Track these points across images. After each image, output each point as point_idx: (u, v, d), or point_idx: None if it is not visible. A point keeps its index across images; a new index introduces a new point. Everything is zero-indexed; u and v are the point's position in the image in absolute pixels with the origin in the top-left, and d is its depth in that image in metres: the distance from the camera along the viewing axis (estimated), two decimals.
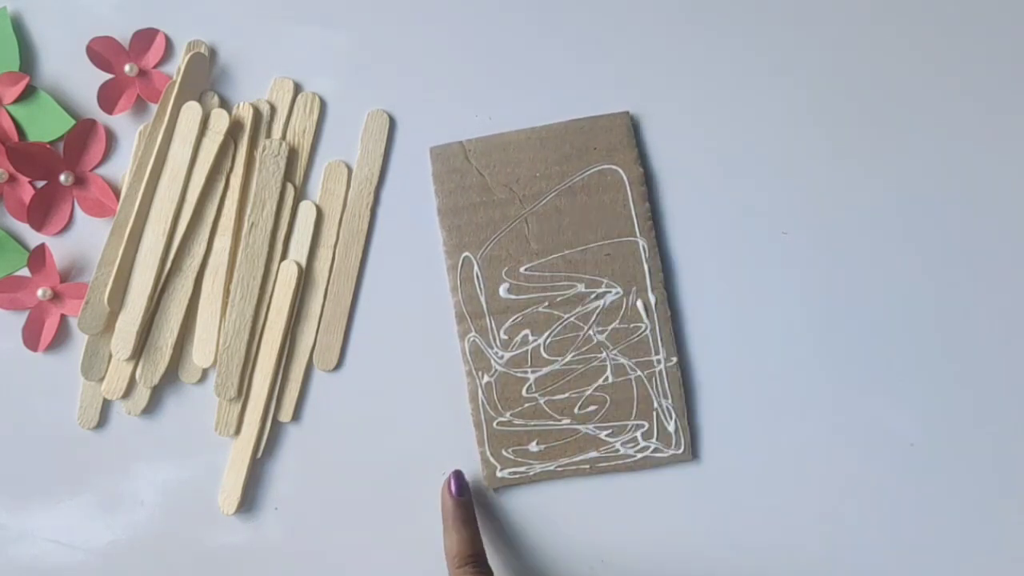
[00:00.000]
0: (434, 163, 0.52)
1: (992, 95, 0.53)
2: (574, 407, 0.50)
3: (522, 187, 0.52)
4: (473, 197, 0.52)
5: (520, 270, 0.51)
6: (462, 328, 0.51)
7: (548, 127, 0.52)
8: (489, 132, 0.52)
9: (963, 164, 0.53)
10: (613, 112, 0.52)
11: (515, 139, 0.52)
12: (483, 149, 0.52)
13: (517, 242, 0.51)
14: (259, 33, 0.54)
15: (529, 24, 0.54)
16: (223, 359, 0.51)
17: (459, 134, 0.52)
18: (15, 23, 0.53)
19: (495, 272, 0.51)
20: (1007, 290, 0.52)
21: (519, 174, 0.52)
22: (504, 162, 0.52)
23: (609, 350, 0.51)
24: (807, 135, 0.53)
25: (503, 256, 0.51)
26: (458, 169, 0.52)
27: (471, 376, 0.51)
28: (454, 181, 0.52)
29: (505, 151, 0.52)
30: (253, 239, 0.52)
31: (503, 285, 0.51)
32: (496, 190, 0.52)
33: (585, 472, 0.50)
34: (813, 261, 0.52)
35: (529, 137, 0.52)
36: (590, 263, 0.51)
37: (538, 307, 0.51)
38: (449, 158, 0.52)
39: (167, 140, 0.52)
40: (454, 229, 0.51)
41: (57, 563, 0.51)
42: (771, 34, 0.54)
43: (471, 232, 0.51)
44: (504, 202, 0.52)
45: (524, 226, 0.51)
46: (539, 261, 0.51)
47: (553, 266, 0.51)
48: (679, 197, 0.52)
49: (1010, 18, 0.54)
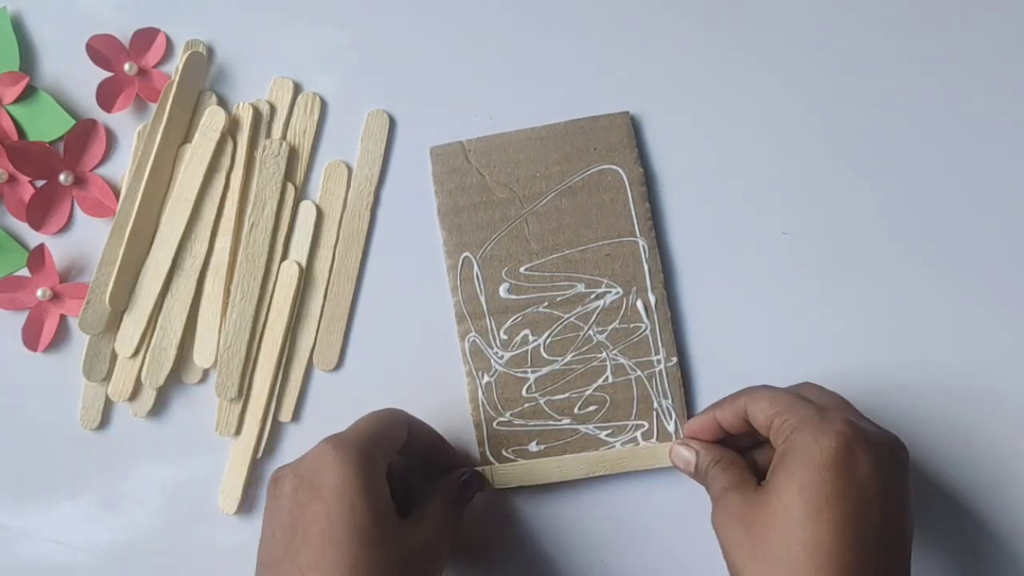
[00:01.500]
0: (434, 163, 0.52)
1: (994, 96, 0.53)
2: (574, 407, 0.50)
3: (522, 187, 0.52)
4: (473, 197, 0.52)
5: (520, 270, 0.51)
6: (462, 328, 0.51)
7: (548, 127, 0.52)
8: (489, 132, 0.52)
9: (968, 165, 0.53)
10: (613, 112, 0.52)
11: (515, 139, 0.52)
12: (483, 149, 0.52)
13: (517, 242, 0.51)
14: (259, 33, 0.54)
15: (530, 24, 0.54)
16: (223, 359, 0.51)
17: (459, 134, 0.52)
18: (15, 23, 0.53)
19: (495, 272, 0.51)
20: (1012, 293, 0.52)
21: (519, 174, 0.52)
22: (504, 162, 0.52)
23: (609, 350, 0.51)
24: (808, 136, 0.53)
25: (503, 256, 0.51)
26: (458, 169, 0.52)
27: (471, 376, 0.51)
28: (454, 181, 0.52)
29: (505, 151, 0.52)
30: (253, 239, 0.52)
31: (503, 285, 0.51)
32: (496, 190, 0.52)
33: None
34: (814, 261, 0.52)
35: (529, 137, 0.52)
36: (590, 263, 0.51)
37: (538, 307, 0.51)
38: (449, 158, 0.52)
39: (166, 140, 0.52)
40: (454, 229, 0.51)
41: (58, 563, 0.51)
42: (773, 34, 0.54)
43: (471, 232, 0.51)
44: (504, 202, 0.52)
45: (524, 226, 0.51)
46: (539, 261, 0.51)
47: (553, 266, 0.51)
48: (679, 197, 0.52)
49: (1011, 19, 0.54)
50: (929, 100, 0.53)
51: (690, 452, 0.47)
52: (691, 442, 0.47)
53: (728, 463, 0.45)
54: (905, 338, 0.51)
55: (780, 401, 0.42)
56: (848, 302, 0.52)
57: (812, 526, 0.38)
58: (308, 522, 0.39)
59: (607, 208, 0.51)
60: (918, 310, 0.52)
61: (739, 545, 0.40)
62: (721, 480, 0.44)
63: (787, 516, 0.39)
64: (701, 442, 0.47)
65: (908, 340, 0.51)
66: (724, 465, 0.44)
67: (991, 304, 0.52)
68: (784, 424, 0.41)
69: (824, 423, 0.40)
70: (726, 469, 0.44)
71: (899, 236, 0.52)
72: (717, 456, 0.45)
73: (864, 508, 0.38)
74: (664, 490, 0.51)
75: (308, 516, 0.39)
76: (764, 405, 0.43)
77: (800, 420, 0.41)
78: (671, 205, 0.52)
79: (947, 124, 0.53)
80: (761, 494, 0.41)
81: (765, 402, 0.43)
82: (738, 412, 0.44)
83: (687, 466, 0.47)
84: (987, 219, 0.52)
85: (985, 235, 0.52)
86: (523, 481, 0.50)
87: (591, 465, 0.50)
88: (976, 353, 0.51)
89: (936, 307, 0.52)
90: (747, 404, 0.44)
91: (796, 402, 0.42)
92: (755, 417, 0.43)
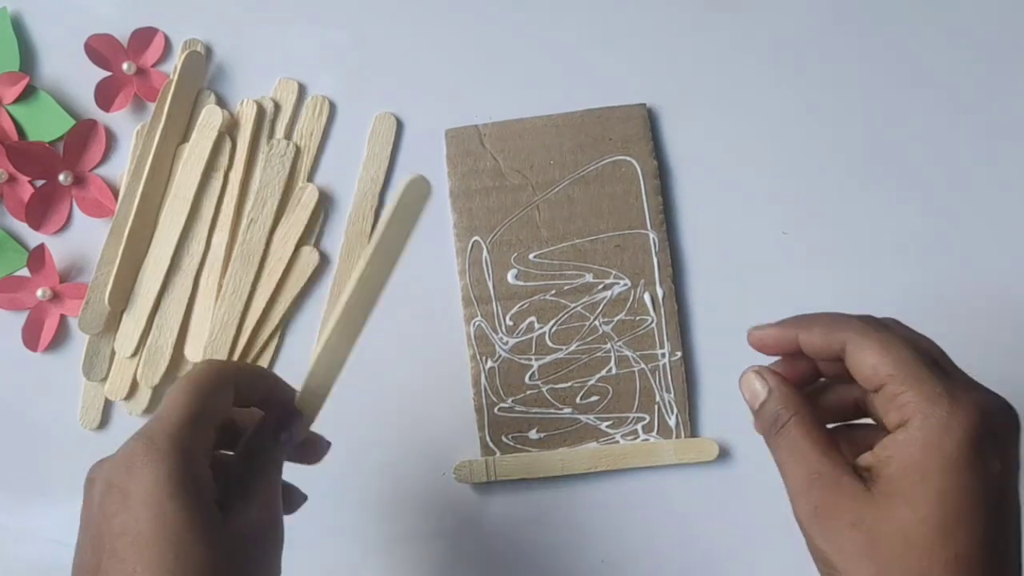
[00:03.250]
0: (448, 145, 0.52)
1: (1003, 100, 0.53)
2: (576, 396, 0.50)
3: (535, 174, 0.51)
4: (486, 181, 0.51)
5: (529, 257, 0.51)
6: (468, 312, 0.51)
7: (565, 115, 0.52)
8: (505, 118, 0.52)
9: (979, 169, 0.53)
10: (630, 103, 0.52)
11: (531, 126, 0.52)
12: (498, 134, 0.52)
13: (527, 228, 0.51)
14: (258, 32, 0.54)
15: (546, 13, 0.54)
16: (208, 352, 0.51)
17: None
18: (15, 23, 0.53)
19: (504, 257, 0.51)
20: (1013, 293, 0.52)
21: (533, 161, 0.52)
22: (519, 148, 0.52)
23: (614, 341, 0.50)
24: (824, 133, 0.53)
25: (513, 242, 0.51)
26: (472, 152, 0.52)
27: (475, 361, 0.51)
28: (467, 164, 0.52)
29: (520, 137, 0.52)
30: (250, 235, 0.51)
31: (511, 271, 0.51)
32: (509, 175, 0.52)
33: None
34: (824, 261, 0.52)
35: (545, 124, 0.52)
36: (599, 253, 0.51)
37: (545, 295, 0.51)
38: (464, 141, 0.52)
39: (164, 139, 0.51)
40: (465, 212, 0.51)
41: (58, 563, 0.49)
42: (790, 30, 0.54)
43: (482, 216, 0.51)
44: (516, 188, 0.51)
45: (535, 213, 0.51)
46: (548, 249, 0.51)
47: (562, 254, 0.51)
48: (692, 192, 0.52)
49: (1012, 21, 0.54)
50: (958, 98, 0.53)
51: (763, 386, 0.38)
52: (767, 374, 0.38)
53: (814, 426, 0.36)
54: None
55: (895, 358, 0.34)
56: (856, 299, 0.51)
57: (953, 541, 0.32)
58: (116, 535, 0.35)
59: (619, 199, 0.51)
60: (924, 308, 0.52)
61: (856, 557, 0.33)
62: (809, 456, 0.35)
63: (923, 529, 0.33)
64: (779, 377, 0.37)
65: None
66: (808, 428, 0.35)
67: (992, 304, 0.52)
68: (903, 398, 0.34)
69: (955, 407, 0.33)
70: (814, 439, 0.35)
71: (910, 234, 0.52)
72: (798, 408, 0.36)
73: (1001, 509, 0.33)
74: (664, 487, 0.50)
75: (116, 528, 0.35)
76: (874, 358, 0.34)
77: (924, 397, 0.33)
78: (684, 199, 0.52)
79: (958, 126, 0.53)
80: (878, 495, 0.33)
81: (875, 354, 0.34)
82: (832, 346, 0.36)
83: (752, 399, 0.38)
84: (989, 219, 0.52)
85: (987, 235, 0.52)
86: (525, 473, 0.50)
87: (594, 460, 0.50)
88: (977, 353, 0.52)
89: (943, 307, 0.52)
90: (848, 345, 0.35)
91: (915, 364, 0.34)
92: (858, 368, 0.35)
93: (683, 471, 0.50)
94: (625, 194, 0.51)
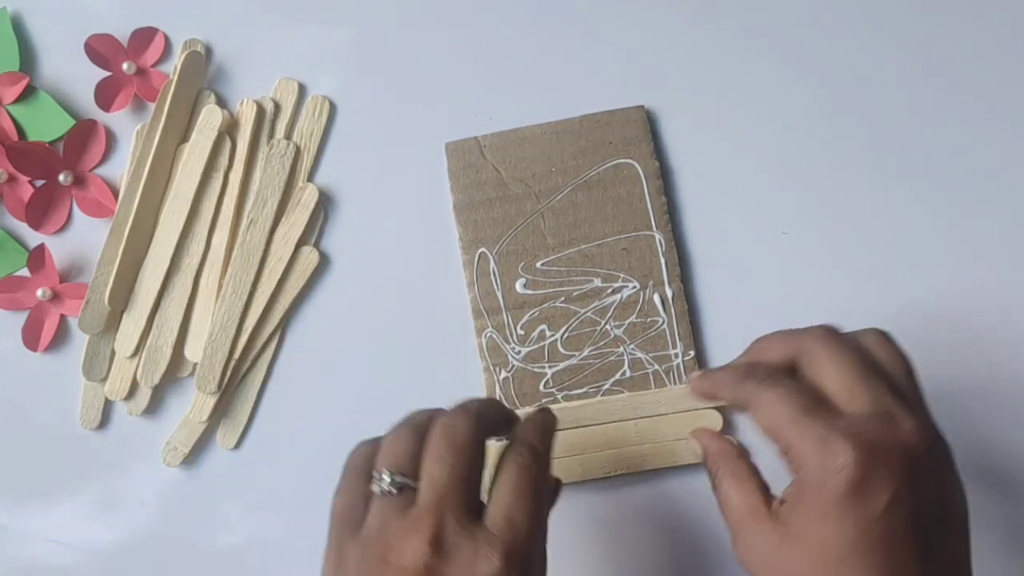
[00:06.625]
0: (449, 159, 0.52)
1: (1002, 95, 0.54)
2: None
3: (538, 182, 0.52)
4: (489, 192, 0.51)
5: (536, 265, 0.51)
6: (479, 324, 0.50)
7: (563, 122, 0.52)
8: (504, 127, 0.52)
9: (982, 168, 0.53)
10: (629, 106, 0.52)
11: (530, 134, 0.52)
12: (498, 144, 0.52)
13: (533, 237, 0.51)
14: (258, 32, 0.54)
15: (543, 17, 0.54)
16: (207, 353, 0.50)
17: (471, 132, 0.52)
18: (15, 23, 0.53)
19: (511, 267, 0.51)
20: (1013, 294, 0.52)
21: (535, 169, 0.52)
22: (519, 157, 0.52)
23: (626, 344, 0.50)
24: (826, 130, 0.53)
25: (519, 251, 0.51)
26: (473, 164, 0.52)
27: (488, 372, 0.50)
28: (469, 177, 0.52)
29: (520, 146, 0.52)
30: (250, 235, 0.51)
31: (520, 280, 0.51)
32: (512, 185, 0.52)
33: None
34: (831, 257, 0.52)
35: (544, 132, 0.52)
36: (607, 257, 0.51)
37: (555, 302, 0.51)
38: (464, 153, 0.52)
39: (164, 139, 0.51)
40: (470, 224, 0.51)
41: (57, 563, 0.50)
42: (789, 29, 0.54)
43: (487, 227, 0.51)
44: (520, 197, 0.51)
45: (540, 221, 0.51)
46: (555, 256, 0.51)
47: (570, 261, 0.51)
48: (696, 191, 0.52)
49: (1016, 18, 0.55)
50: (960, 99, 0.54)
51: (699, 446, 0.42)
52: (700, 436, 0.42)
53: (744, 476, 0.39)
54: (919, 333, 0.52)
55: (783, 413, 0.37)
56: (867, 296, 0.52)
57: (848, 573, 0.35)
58: None
59: (623, 202, 0.51)
60: (930, 308, 0.52)
61: None
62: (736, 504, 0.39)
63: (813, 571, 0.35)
64: (709, 436, 0.42)
65: (921, 335, 0.52)
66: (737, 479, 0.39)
67: (992, 304, 0.52)
68: (790, 453, 0.37)
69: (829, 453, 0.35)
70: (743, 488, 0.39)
71: (917, 229, 0.52)
72: (726, 463, 0.40)
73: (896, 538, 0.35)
74: (678, 487, 0.50)
75: None
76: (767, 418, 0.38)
77: (806, 446, 0.36)
78: (687, 198, 0.52)
79: (961, 126, 0.53)
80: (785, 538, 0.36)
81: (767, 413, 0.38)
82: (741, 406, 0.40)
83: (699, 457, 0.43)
84: (991, 219, 0.53)
85: (989, 236, 0.53)
86: None
87: (613, 464, 0.49)
88: (977, 353, 0.52)
89: (947, 307, 0.52)
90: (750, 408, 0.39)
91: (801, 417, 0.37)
92: (760, 427, 0.38)
93: (696, 469, 0.50)
94: (629, 196, 0.51)
